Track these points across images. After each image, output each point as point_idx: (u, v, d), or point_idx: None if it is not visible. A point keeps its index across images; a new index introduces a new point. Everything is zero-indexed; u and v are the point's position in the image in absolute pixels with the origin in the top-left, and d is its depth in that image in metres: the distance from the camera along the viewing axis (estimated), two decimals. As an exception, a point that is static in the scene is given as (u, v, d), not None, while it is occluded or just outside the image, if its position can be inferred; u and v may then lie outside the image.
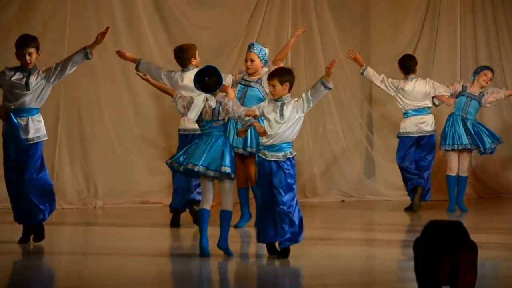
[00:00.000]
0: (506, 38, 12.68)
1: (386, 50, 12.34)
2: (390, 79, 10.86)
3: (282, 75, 7.24)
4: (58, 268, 7.12)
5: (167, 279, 6.67)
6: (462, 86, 10.89)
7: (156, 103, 11.26)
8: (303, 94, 7.24)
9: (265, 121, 7.21)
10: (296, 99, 7.25)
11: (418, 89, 10.79)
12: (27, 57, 7.78)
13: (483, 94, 10.84)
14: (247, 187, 9.11)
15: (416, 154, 10.89)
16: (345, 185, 12.16)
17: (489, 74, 10.89)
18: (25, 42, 7.83)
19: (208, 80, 7.16)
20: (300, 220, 7.18)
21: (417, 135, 10.82)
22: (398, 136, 10.99)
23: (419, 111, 10.80)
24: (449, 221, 5.12)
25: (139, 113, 11.31)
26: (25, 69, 7.80)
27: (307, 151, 12.03)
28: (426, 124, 10.81)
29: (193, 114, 7.10)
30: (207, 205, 7.22)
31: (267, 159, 7.16)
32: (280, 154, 7.15)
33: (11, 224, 8.10)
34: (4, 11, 10.57)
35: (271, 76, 7.25)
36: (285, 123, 7.16)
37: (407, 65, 10.84)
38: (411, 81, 10.80)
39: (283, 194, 7.10)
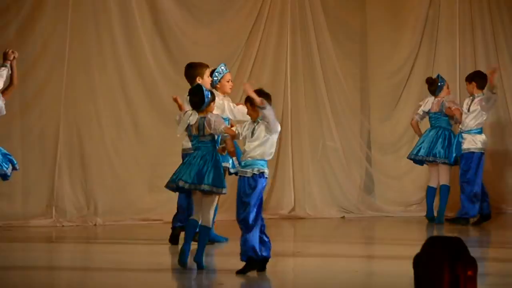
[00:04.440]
0: (505, 53, 12.70)
1: (384, 67, 12.39)
2: None
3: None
4: (58, 286, 7.12)
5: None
6: None
7: (155, 121, 11.28)
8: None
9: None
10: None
11: None
12: None
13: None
14: None
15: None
16: (345, 201, 12.17)
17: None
18: None
19: (193, 98, 7.32)
20: (259, 236, 7.03)
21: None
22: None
23: None
24: (448, 237, 5.13)
25: (139, 131, 11.33)
26: None
27: (306, 167, 12.05)
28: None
29: (179, 128, 7.36)
30: (196, 217, 7.29)
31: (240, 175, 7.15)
32: (248, 170, 7.11)
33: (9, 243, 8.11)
34: (4, 31, 10.59)
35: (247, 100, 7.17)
36: (254, 141, 7.10)
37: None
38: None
39: (242, 209, 7.05)
